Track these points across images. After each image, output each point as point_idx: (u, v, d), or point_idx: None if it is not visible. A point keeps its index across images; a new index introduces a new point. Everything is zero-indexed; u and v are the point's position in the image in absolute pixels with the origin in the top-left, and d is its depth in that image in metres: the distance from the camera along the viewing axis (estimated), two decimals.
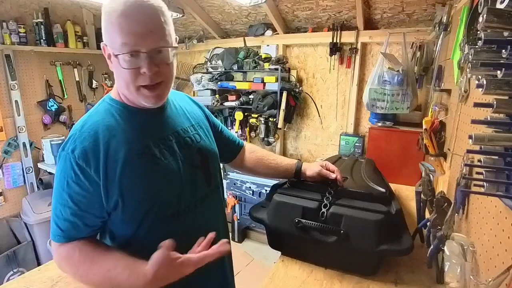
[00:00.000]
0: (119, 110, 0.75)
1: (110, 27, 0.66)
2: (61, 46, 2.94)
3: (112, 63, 0.70)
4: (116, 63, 0.68)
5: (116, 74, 0.71)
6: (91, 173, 0.68)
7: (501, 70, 0.56)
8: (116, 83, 0.75)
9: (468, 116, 1.03)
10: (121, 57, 0.66)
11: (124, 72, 0.68)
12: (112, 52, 0.68)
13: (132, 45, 0.65)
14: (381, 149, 1.95)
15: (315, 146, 2.97)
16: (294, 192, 1.04)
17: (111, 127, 0.72)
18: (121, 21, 0.64)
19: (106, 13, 0.66)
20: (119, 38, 0.65)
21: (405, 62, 2.02)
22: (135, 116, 0.76)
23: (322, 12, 2.49)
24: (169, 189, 0.77)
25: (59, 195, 0.71)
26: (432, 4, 2.03)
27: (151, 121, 0.78)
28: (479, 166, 0.63)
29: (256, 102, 2.70)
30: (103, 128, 0.71)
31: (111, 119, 0.73)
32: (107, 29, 0.68)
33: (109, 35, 0.68)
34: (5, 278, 2.41)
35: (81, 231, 0.72)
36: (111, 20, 0.65)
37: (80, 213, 0.70)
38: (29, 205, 2.63)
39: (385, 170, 1.40)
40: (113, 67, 0.71)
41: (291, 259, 1.06)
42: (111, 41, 0.67)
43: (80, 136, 0.70)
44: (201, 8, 2.78)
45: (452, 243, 0.79)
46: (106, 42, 0.70)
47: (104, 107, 0.76)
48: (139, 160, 0.72)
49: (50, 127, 2.99)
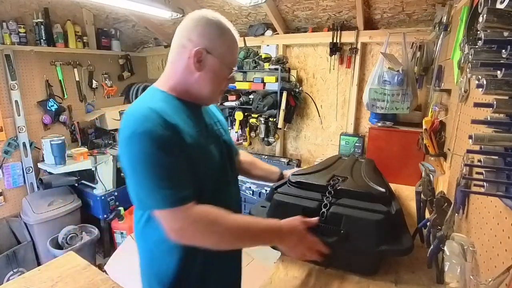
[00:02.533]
0: (173, 100, 0.87)
1: (228, 48, 0.87)
2: (61, 46, 2.95)
3: (206, 67, 0.85)
4: (219, 71, 0.87)
5: (209, 77, 0.86)
6: (174, 144, 0.77)
7: (501, 70, 0.56)
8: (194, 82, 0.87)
9: (468, 116, 1.03)
10: (228, 71, 0.89)
11: (224, 80, 0.90)
12: (224, 63, 0.87)
13: (235, 64, 0.93)
14: (381, 149, 1.95)
15: (315, 146, 2.98)
16: (294, 192, 1.04)
17: (174, 113, 0.82)
18: (234, 48, 0.90)
19: (227, 37, 0.87)
20: (233, 58, 0.91)
21: (405, 62, 2.02)
22: (186, 106, 0.88)
23: (322, 12, 2.49)
24: (214, 166, 0.90)
25: (160, 164, 0.75)
26: (432, 4, 2.03)
27: (196, 113, 0.92)
28: (479, 166, 0.63)
29: (256, 102, 2.70)
30: (169, 113, 0.80)
31: (168, 106, 0.83)
32: (223, 47, 0.86)
33: (224, 52, 0.87)
34: (5, 278, 2.41)
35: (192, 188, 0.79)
36: (230, 44, 0.88)
37: (185, 171, 0.78)
38: (29, 205, 2.63)
39: (385, 170, 1.40)
40: (207, 72, 0.86)
41: (291, 259, 1.06)
42: (223, 56, 0.86)
43: (153, 120, 0.76)
44: (201, 8, 2.77)
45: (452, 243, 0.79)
46: (213, 52, 0.84)
47: (162, 98, 0.86)
48: (201, 139, 0.86)
49: (50, 127, 2.99)
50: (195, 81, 0.86)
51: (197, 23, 0.85)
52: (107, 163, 2.83)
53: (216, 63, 0.85)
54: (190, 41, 0.83)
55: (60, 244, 2.51)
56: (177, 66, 0.87)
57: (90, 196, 2.86)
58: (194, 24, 0.85)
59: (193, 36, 0.83)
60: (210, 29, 0.84)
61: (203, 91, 0.89)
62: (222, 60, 0.86)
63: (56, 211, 2.61)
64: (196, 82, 0.87)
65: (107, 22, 3.41)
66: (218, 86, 0.90)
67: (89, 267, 1.13)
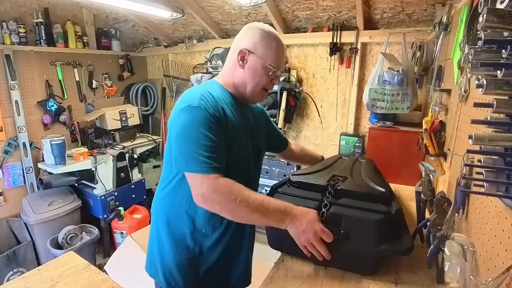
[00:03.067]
0: (225, 93, 1.04)
1: (269, 49, 1.01)
2: (61, 46, 2.95)
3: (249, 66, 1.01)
4: (261, 70, 1.01)
5: (251, 75, 1.01)
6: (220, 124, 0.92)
7: (501, 70, 0.56)
8: (239, 79, 1.03)
9: (468, 116, 1.03)
10: (270, 69, 1.02)
11: (265, 78, 1.02)
12: (265, 62, 1.00)
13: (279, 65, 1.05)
14: (381, 149, 1.95)
15: (315, 146, 2.97)
16: (294, 192, 1.04)
17: (224, 101, 0.99)
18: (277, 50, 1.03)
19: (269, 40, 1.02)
20: (274, 58, 1.02)
21: (405, 62, 2.02)
22: (235, 101, 1.05)
23: (322, 12, 2.49)
24: (243, 156, 1.03)
25: (206, 137, 0.88)
26: (432, 4, 2.03)
27: (243, 109, 1.07)
28: (479, 166, 0.64)
29: None
30: (221, 100, 0.98)
31: (222, 95, 1.01)
32: (265, 48, 1.01)
33: (266, 52, 1.01)
34: (5, 278, 2.41)
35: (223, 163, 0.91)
36: (272, 46, 1.02)
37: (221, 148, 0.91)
38: (29, 205, 2.63)
39: (385, 170, 1.40)
40: (250, 70, 1.01)
41: (291, 259, 1.06)
42: (265, 56, 1.00)
43: (207, 99, 0.93)
44: (201, 8, 2.78)
45: (452, 243, 0.79)
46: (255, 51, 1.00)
47: (218, 88, 1.03)
48: (240, 130, 1.00)
49: (50, 127, 2.99)
50: (239, 77, 1.03)
51: (247, 30, 1.04)
52: (107, 163, 2.83)
53: (257, 61, 1.00)
54: (239, 43, 1.02)
55: (60, 244, 2.51)
56: (229, 64, 1.05)
57: (90, 196, 2.86)
58: (245, 30, 1.05)
59: (242, 40, 1.03)
60: (255, 33, 1.02)
61: (246, 87, 1.03)
62: (264, 58, 1.00)
63: (56, 211, 2.61)
64: (240, 77, 1.03)
65: (107, 22, 3.41)
66: (259, 83, 1.02)
67: (89, 267, 1.13)
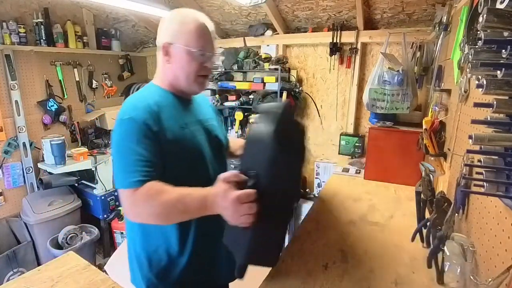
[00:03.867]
0: (164, 93, 0.97)
1: (190, 33, 0.92)
2: (61, 46, 2.94)
3: (175, 57, 0.93)
4: (187, 57, 0.92)
5: (181, 65, 0.94)
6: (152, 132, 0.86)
7: (501, 70, 0.56)
8: (171, 74, 0.96)
9: (468, 116, 1.03)
10: (197, 53, 0.92)
11: (193, 64, 0.93)
12: (188, 48, 0.91)
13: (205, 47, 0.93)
14: (381, 149, 1.95)
15: (315, 146, 2.97)
16: None
17: (159, 103, 0.92)
18: (199, 32, 0.92)
19: (188, 24, 0.92)
20: (195, 41, 0.92)
21: (405, 62, 2.01)
22: (176, 100, 0.98)
23: (322, 12, 2.49)
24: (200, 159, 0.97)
25: (131, 150, 0.84)
26: (432, 4, 2.03)
27: (186, 107, 1.01)
28: (479, 166, 0.63)
29: (256, 102, 2.70)
30: (154, 103, 0.91)
31: (158, 98, 0.94)
32: (186, 34, 0.92)
33: (188, 38, 0.91)
34: (5, 278, 2.41)
35: (151, 175, 0.84)
36: (192, 29, 0.91)
37: (150, 162, 0.84)
38: (29, 205, 2.62)
39: (385, 170, 1.40)
40: (176, 61, 0.93)
41: (291, 259, 1.06)
42: (187, 41, 0.91)
43: (137, 108, 0.88)
44: (201, 8, 2.78)
45: (452, 243, 0.79)
46: (175, 42, 0.92)
47: (151, 90, 0.98)
48: (182, 131, 0.93)
49: (50, 127, 2.98)
50: (170, 72, 0.97)
51: (163, 22, 0.96)
52: (107, 163, 2.83)
53: (181, 50, 0.92)
54: (159, 39, 0.95)
55: (60, 244, 2.51)
56: (159, 64, 0.99)
57: (90, 196, 2.86)
58: (162, 23, 0.97)
59: (161, 34, 0.95)
60: (170, 23, 0.94)
61: (179, 80, 0.96)
62: (185, 45, 0.92)
63: (56, 211, 2.61)
64: (171, 72, 0.97)
65: (107, 22, 3.41)
66: (190, 71, 0.94)
67: (89, 267, 1.13)
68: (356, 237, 1.24)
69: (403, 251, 1.12)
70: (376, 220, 1.40)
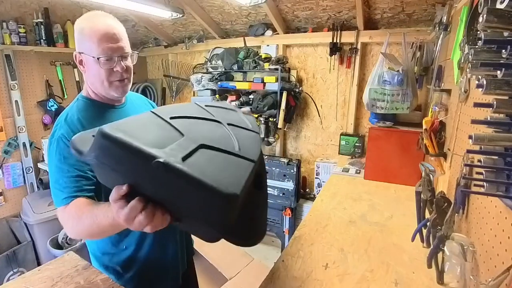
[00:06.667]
0: (89, 103, 0.99)
1: (90, 40, 0.90)
2: (61, 46, 2.94)
3: (86, 66, 0.95)
4: (94, 65, 0.92)
5: (92, 74, 0.94)
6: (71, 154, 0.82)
7: (501, 70, 0.56)
8: (89, 82, 0.99)
9: (468, 116, 1.03)
10: (101, 60, 0.91)
11: (102, 70, 0.93)
12: (92, 57, 0.91)
13: (108, 51, 0.91)
14: (381, 149, 1.95)
15: (315, 146, 2.97)
16: None
17: (84, 115, 0.95)
18: (96, 37, 0.90)
19: (86, 31, 0.92)
20: (95, 46, 0.90)
21: (405, 62, 2.01)
22: (103, 109, 1.00)
23: (322, 12, 2.49)
24: None
25: (58, 169, 0.88)
26: (432, 4, 2.03)
27: (115, 114, 1.01)
28: (479, 166, 0.63)
29: (256, 102, 2.70)
30: (77, 118, 0.94)
31: (85, 112, 0.96)
32: (86, 41, 0.91)
33: (89, 45, 0.91)
34: (5, 278, 2.41)
35: (81, 189, 0.87)
36: (91, 36, 0.90)
37: (76, 177, 0.87)
38: (29, 205, 2.62)
39: (385, 170, 1.40)
40: (88, 69, 0.95)
41: (291, 259, 1.06)
42: (90, 49, 0.91)
43: (64, 125, 0.91)
44: (201, 8, 2.78)
45: (452, 243, 0.79)
46: (82, 51, 0.93)
47: (78, 103, 1.00)
48: None
49: (50, 127, 2.98)
50: (89, 81, 0.99)
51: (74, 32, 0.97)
52: None
53: (89, 58, 0.93)
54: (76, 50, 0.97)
55: (60, 244, 2.51)
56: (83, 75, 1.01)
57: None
58: None
59: (76, 45, 0.97)
60: (76, 33, 0.95)
61: (97, 88, 0.98)
62: (91, 53, 0.92)
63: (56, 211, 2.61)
64: (89, 82, 0.99)
65: None
66: (101, 78, 0.94)
67: (89, 267, 1.14)
68: (356, 237, 1.25)
69: (403, 251, 1.12)
70: (376, 220, 1.40)
